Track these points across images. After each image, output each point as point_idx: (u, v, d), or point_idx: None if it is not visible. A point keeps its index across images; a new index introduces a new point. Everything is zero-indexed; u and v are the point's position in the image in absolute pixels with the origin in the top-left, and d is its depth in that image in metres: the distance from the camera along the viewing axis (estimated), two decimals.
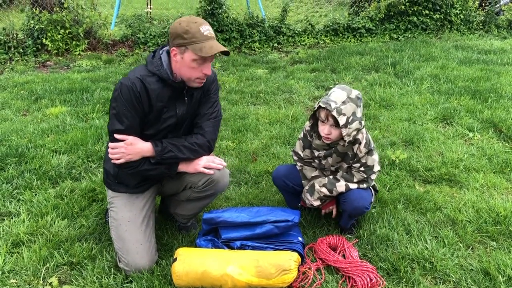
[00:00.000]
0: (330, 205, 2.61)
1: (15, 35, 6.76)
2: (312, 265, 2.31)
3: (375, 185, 2.75)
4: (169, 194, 2.56)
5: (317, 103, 2.35)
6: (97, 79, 5.68)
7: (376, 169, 2.47)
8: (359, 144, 2.41)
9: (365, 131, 2.45)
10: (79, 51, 7.00)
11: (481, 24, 8.71)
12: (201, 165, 2.29)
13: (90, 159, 3.51)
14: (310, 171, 2.61)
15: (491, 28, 8.61)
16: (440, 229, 2.62)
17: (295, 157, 2.67)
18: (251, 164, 3.45)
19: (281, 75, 5.99)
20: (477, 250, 2.45)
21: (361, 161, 2.45)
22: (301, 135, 2.62)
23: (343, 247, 2.41)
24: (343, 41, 8.08)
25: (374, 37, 8.18)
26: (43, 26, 6.76)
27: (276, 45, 7.78)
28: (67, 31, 6.89)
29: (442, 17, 8.46)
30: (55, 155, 3.53)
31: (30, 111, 4.60)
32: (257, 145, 3.77)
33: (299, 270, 2.25)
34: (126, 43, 7.42)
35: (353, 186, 2.47)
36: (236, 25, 7.66)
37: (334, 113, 2.25)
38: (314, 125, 2.50)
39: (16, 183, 3.14)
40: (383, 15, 8.29)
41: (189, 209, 2.50)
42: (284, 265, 2.14)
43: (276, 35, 7.86)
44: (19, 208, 2.85)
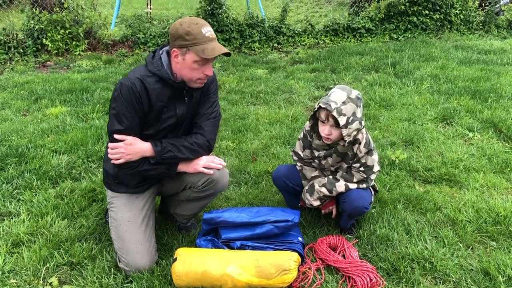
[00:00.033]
0: (329, 205, 2.61)
1: (15, 35, 6.77)
2: (312, 265, 2.31)
3: (375, 185, 2.75)
4: (169, 194, 2.56)
5: (317, 103, 2.35)
6: (97, 79, 5.68)
7: (375, 169, 2.47)
8: (359, 144, 2.41)
9: (365, 131, 2.45)
10: (79, 51, 7.00)
11: (481, 24, 8.71)
12: (201, 165, 2.29)
13: (90, 159, 3.51)
14: (310, 171, 2.61)
15: (491, 28, 8.61)
16: (440, 229, 2.62)
17: (295, 157, 2.67)
18: (251, 164, 3.45)
19: (281, 75, 5.99)
20: (477, 250, 2.45)
21: (361, 161, 2.45)
22: (301, 135, 2.62)
23: (343, 247, 2.41)
24: (343, 41, 8.08)
25: (374, 37, 8.18)
26: (43, 26, 6.76)
27: (276, 45, 7.79)
28: (67, 31, 6.89)
29: (442, 17, 8.46)
30: (55, 155, 3.54)
31: (30, 111, 4.60)
32: (257, 145, 3.77)
33: (299, 270, 2.25)
34: (126, 43, 7.42)
35: (352, 186, 2.47)
36: (236, 25, 7.66)
37: (334, 113, 2.25)
38: (314, 126, 2.50)
39: (16, 183, 3.14)
40: (383, 15, 8.29)
41: (189, 209, 2.50)
42: (284, 265, 2.14)
43: (276, 35, 7.86)
44: (19, 208, 2.85)
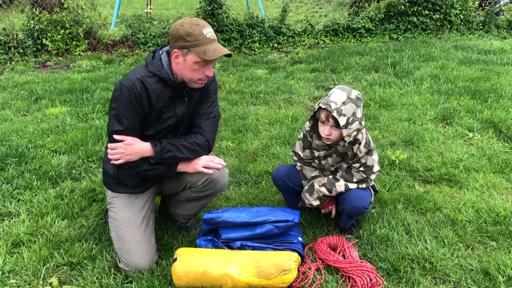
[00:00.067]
0: (329, 205, 2.61)
1: (15, 35, 6.76)
2: (312, 265, 2.31)
3: (374, 186, 2.75)
4: (169, 194, 2.56)
5: (317, 104, 2.35)
6: (97, 79, 5.68)
7: (375, 169, 2.48)
8: (359, 144, 2.41)
9: (365, 131, 2.45)
10: (79, 51, 7.00)
11: (481, 24, 8.71)
12: (201, 164, 2.29)
13: (90, 159, 3.51)
14: (310, 171, 2.61)
15: (491, 28, 8.61)
16: (440, 229, 2.62)
17: (295, 157, 2.67)
18: (251, 164, 3.45)
19: (281, 75, 5.99)
20: (477, 250, 2.45)
21: (361, 161, 2.45)
22: (301, 136, 2.62)
23: (343, 247, 2.41)
24: (343, 41, 8.08)
25: (374, 37, 8.18)
26: (43, 26, 6.76)
27: (276, 45, 7.79)
28: (67, 31, 6.89)
29: (442, 17, 8.46)
30: (55, 155, 3.54)
31: (30, 111, 4.60)
32: (257, 145, 3.77)
33: (299, 270, 2.25)
34: (126, 43, 7.42)
35: (352, 186, 2.47)
36: (236, 25, 7.66)
37: (334, 114, 2.25)
38: (314, 126, 2.50)
39: (16, 183, 3.14)
40: (383, 15, 8.29)
41: (188, 209, 2.50)
42: (284, 265, 2.14)
43: (276, 35, 7.86)
44: (19, 208, 2.85)
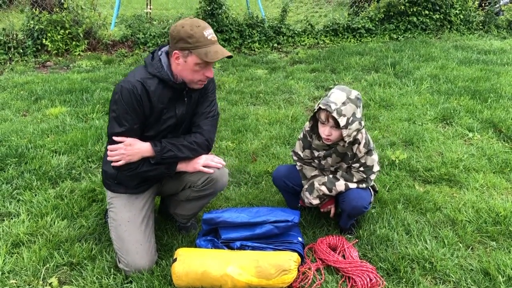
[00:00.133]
0: (329, 204, 2.61)
1: (15, 35, 6.76)
2: (312, 265, 2.31)
3: (374, 186, 2.75)
4: (169, 194, 2.56)
5: (316, 104, 2.35)
6: (97, 80, 5.68)
7: (375, 169, 2.47)
8: (359, 144, 2.41)
9: (364, 131, 2.45)
10: (79, 51, 7.00)
11: (481, 24, 8.71)
12: (201, 163, 2.30)
13: (90, 160, 3.51)
14: (310, 171, 2.61)
15: (491, 28, 8.61)
16: (440, 229, 2.62)
17: (295, 157, 2.67)
18: (251, 164, 3.45)
19: (281, 75, 5.99)
20: (477, 250, 2.45)
21: (361, 161, 2.45)
22: (301, 136, 2.62)
23: (343, 247, 2.41)
24: (343, 41, 8.08)
25: (373, 37, 8.18)
26: (43, 26, 6.76)
27: (276, 45, 7.78)
28: (67, 32, 6.89)
29: (441, 17, 8.46)
30: (55, 156, 3.54)
31: (30, 112, 4.60)
32: (257, 146, 3.77)
33: (299, 270, 2.25)
34: (126, 43, 7.42)
35: (352, 185, 2.47)
36: (236, 26, 7.66)
37: (334, 114, 2.25)
38: (314, 126, 2.50)
39: (16, 184, 3.14)
40: (383, 15, 8.29)
41: (188, 209, 2.50)
42: (284, 265, 2.14)
43: (276, 35, 7.86)
44: (19, 208, 2.85)
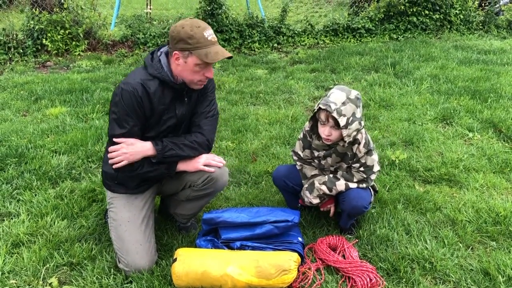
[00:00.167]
0: (328, 203, 2.60)
1: (15, 35, 6.76)
2: (312, 265, 2.31)
3: (374, 186, 2.75)
4: (169, 193, 2.56)
5: (316, 104, 2.35)
6: (97, 80, 5.67)
7: (375, 169, 2.47)
8: (359, 144, 2.41)
9: (364, 131, 2.45)
10: (79, 51, 7.00)
11: (481, 24, 8.71)
12: (201, 163, 2.30)
13: (90, 160, 3.51)
14: (310, 170, 2.61)
15: (491, 28, 8.61)
16: (440, 229, 2.62)
17: (294, 157, 2.67)
18: (251, 164, 3.45)
19: (281, 75, 5.99)
20: (477, 250, 2.45)
21: (361, 161, 2.45)
22: (301, 136, 2.62)
23: (343, 247, 2.41)
24: (343, 41, 8.08)
25: (373, 37, 8.18)
26: (43, 26, 6.76)
27: (276, 45, 7.78)
28: (67, 32, 6.89)
29: (441, 17, 8.45)
30: (55, 156, 3.53)
31: (30, 112, 4.60)
32: (257, 146, 3.77)
33: (299, 270, 2.25)
34: (126, 43, 7.42)
35: (352, 185, 2.47)
36: (236, 26, 7.65)
37: (334, 114, 2.25)
38: (313, 126, 2.50)
39: (16, 184, 3.14)
40: (383, 15, 8.29)
41: (189, 208, 2.50)
42: (284, 266, 2.14)
43: (276, 35, 7.86)
44: (19, 208, 2.85)
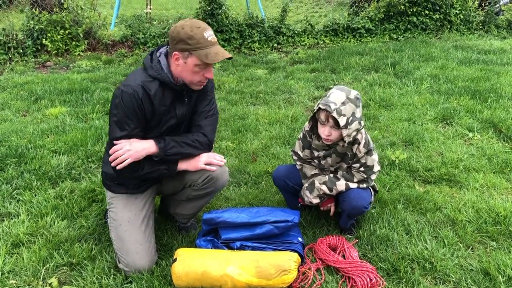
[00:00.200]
0: (328, 202, 2.60)
1: (14, 35, 6.76)
2: (312, 266, 2.30)
3: (374, 186, 2.75)
4: (169, 193, 2.56)
5: (316, 104, 2.35)
6: (96, 80, 5.67)
7: (376, 169, 2.47)
8: (358, 144, 2.41)
9: (364, 131, 2.45)
10: (79, 51, 7.00)
11: (481, 24, 8.71)
12: (202, 161, 2.30)
13: (89, 160, 3.51)
14: (310, 170, 2.61)
15: (491, 28, 8.61)
16: (440, 229, 2.62)
17: (294, 157, 2.67)
18: (251, 164, 3.45)
19: (281, 75, 5.99)
20: (477, 250, 2.45)
21: (361, 161, 2.45)
22: (301, 136, 2.62)
23: (343, 248, 2.41)
24: (343, 41, 8.08)
25: (373, 37, 8.18)
26: (42, 26, 6.76)
27: (275, 45, 7.78)
28: (66, 32, 6.89)
29: (441, 17, 8.46)
30: (55, 156, 3.53)
31: (29, 112, 4.60)
32: (257, 146, 3.77)
33: (299, 270, 2.25)
34: (125, 43, 7.42)
35: (353, 185, 2.47)
36: (235, 26, 7.65)
37: (334, 114, 2.25)
38: (313, 127, 2.50)
39: (15, 184, 3.13)
40: (383, 15, 8.29)
41: (189, 208, 2.50)
42: (284, 266, 2.14)
43: (275, 35, 7.86)
44: (19, 208, 2.85)
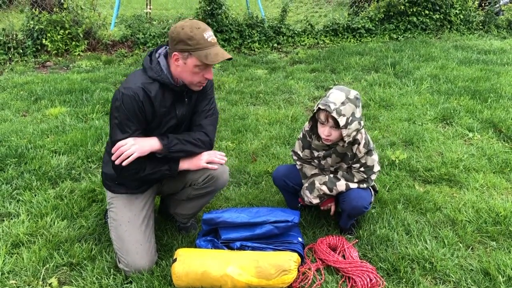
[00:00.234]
0: (328, 202, 2.60)
1: (14, 35, 6.76)
2: (312, 266, 2.30)
3: (374, 186, 2.75)
4: (169, 193, 2.56)
5: (316, 105, 2.35)
6: (96, 80, 5.67)
7: (376, 169, 2.47)
8: (358, 144, 2.41)
9: (364, 131, 2.45)
10: (79, 51, 6.99)
11: (481, 24, 8.71)
12: (204, 160, 2.30)
13: (89, 160, 3.51)
14: (310, 169, 2.61)
15: (491, 28, 8.61)
16: (440, 229, 2.62)
17: (294, 157, 2.67)
18: (251, 164, 3.45)
19: (281, 75, 5.99)
20: (477, 250, 2.45)
21: (361, 161, 2.45)
22: (301, 136, 2.62)
23: (343, 248, 2.41)
24: (343, 41, 8.08)
25: (373, 37, 8.18)
26: (42, 26, 6.76)
27: (275, 45, 7.78)
28: (66, 32, 6.89)
29: (441, 17, 8.46)
30: (55, 156, 3.53)
31: (29, 112, 4.60)
32: (256, 146, 3.77)
33: (299, 270, 2.25)
34: (125, 43, 7.42)
35: (353, 185, 2.47)
36: (235, 26, 7.65)
37: (334, 114, 2.25)
38: (313, 127, 2.50)
39: (15, 184, 3.13)
40: (383, 15, 8.29)
41: (189, 208, 2.50)
42: (284, 266, 2.14)
43: (275, 36, 7.86)
44: (19, 208, 2.85)
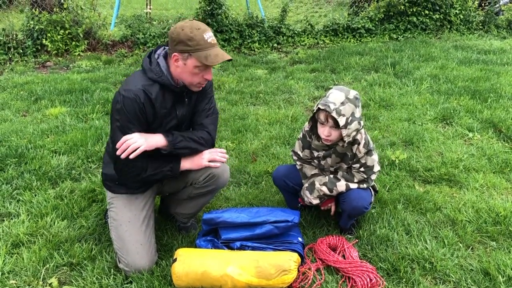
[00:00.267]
0: (329, 202, 2.60)
1: (14, 35, 6.76)
2: (312, 266, 2.31)
3: (374, 186, 2.75)
4: (170, 192, 2.56)
5: (315, 105, 2.35)
6: (96, 80, 5.67)
7: (376, 169, 2.47)
8: (358, 144, 2.41)
9: (364, 131, 2.45)
10: (79, 51, 7.00)
11: (481, 24, 8.71)
12: (205, 159, 2.30)
13: (90, 160, 3.51)
14: (310, 169, 2.61)
15: (491, 28, 8.61)
16: (440, 229, 2.62)
17: (294, 157, 2.67)
18: (251, 164, 3.45)
19: (281, 75, 5.99)
20: (477, 250, 2.45)
21: (361, 161, 2.45)
22: (301, 136, 2.62)
23: (343, 248, 2.41)
24: (343, 41, 8.08)
25: (373, 37, 8.18)
26: (42, 26, 6.76)
27: (275, 45, 7.78)
28: (66, 32, 6.89)
29: (441, 17, 8.46)
30: (55, 156, 3.53)
31: (29, 112, 4.60)
32: (256, 146, 3.77)
33: (299, 270, 2.25)
34: (125, 43, 7.42)
35: (353, 186, 2.47)
36: (235, 26, 7.66)
37: (333, 114, 2.25)
38: (313, 127, 2.50)
39: (15, 184, 3.13)
40: (383, 15, 8.29)
41: (190, 207, 2.51)
42: (284, 266, 2.14)
43: (275, 36, 7.86)
44: (19, 208, 2.85)
